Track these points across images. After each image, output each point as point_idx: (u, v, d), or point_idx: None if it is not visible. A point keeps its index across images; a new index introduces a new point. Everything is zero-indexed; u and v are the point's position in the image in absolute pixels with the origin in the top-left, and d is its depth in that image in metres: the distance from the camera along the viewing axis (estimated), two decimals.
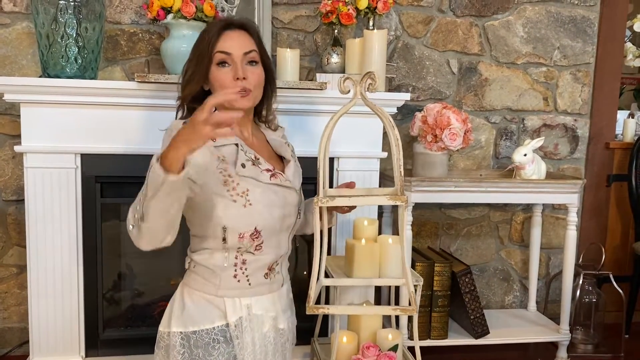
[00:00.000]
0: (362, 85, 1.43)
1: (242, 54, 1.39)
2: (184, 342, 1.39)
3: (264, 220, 1.38)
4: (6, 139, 2.37)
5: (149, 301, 2.42)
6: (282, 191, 1.44)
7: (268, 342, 1.45)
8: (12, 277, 2.45)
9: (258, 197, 1.37)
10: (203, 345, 1.38)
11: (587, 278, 2.67)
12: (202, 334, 1.38)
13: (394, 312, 1.61)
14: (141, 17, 2.38)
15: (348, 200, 1.45)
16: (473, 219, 2.85)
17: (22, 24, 2.32)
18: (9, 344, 2.46)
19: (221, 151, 1.37)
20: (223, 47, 1.38)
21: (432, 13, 2.66)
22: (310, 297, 1.47)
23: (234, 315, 1.39)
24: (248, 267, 1.41)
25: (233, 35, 1.40)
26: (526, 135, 2.81)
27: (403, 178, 1.42)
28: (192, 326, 1.39)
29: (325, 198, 1.42)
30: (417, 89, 2.69)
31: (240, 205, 1.35)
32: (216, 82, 1.39)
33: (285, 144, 1.57)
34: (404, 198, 1.41)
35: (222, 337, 1.38)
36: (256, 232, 1.38)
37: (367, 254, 1.85)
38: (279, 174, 1.44)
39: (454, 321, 2.58)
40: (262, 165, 1.41)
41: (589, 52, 2.83)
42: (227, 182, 1.35)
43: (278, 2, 2.48)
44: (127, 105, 2.08)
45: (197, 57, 1.40)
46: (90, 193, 2.13)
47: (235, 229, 1.36)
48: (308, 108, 2.19)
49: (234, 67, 1.38)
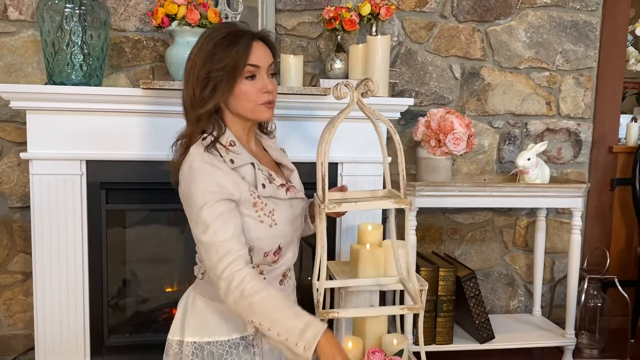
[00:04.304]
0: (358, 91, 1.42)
1: (267, 66, 1.37)
2: (197, 352, 1.37)
3: (285, 237, 1.39)
4: (12, 146, 2.38)
5: (154, 307, 2.42)
6: (296, 203, 1.44)
7: None
8: (17, 284, 2.46)
9: (282, 215, 1.37)
10: (217, 357, 1.37)
11: (592, 282, 2.66)
12: (216, 345, 1.37)
13: (400, 311, 1.62)
14: (146, 24, 2.40)
15: (355, 205, 1.44)
16: (477, 223, 2.85)
17: (27, 32, 2.33)
18: (14, 350, 2.46)
19: (240, 172, 1.34)
20: (253, 60, 1.33)
21: (435, 19, 2.67)
22: (319, 303, 1.46)
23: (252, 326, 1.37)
24: (266, 278, 1.40)
25: (259, 47, 1.36)
26: (529, 140, 2.81)
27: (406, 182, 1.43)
28: (207, 337, 1.37)
29: (332, 204, 1.41)
30: (420, 94, 2.69)
31: (267, 226, 1.35)
32: (243, 94, 1.34)
33: (280, 150, 1.56)
34: (407, 201, 1.41)
35: (235, 350, 1.38)
36: (279, 249, 1.39)
37: (371, 259, 1.85)
38: (291, 187, 1.44)
39: (459, 326, 2.57)
40: (276, 181, 1.40)
41: (591, 56, 2.83)
42: (256, 204, 1.33)
43: (281, 8, 2.50)
44: (132, 112, 2.09)
45: (223, 68, 1.30)
46: (96, 199, 2.14)
47: (261, 248, 1.35)
48: (311, 114, 2.20)
49: (262, 79, 1.36)
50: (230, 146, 1.35)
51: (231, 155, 1.33)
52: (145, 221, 2.37)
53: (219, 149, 1.33)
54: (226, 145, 1.35)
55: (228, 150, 1.34)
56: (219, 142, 1.34)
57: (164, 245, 2.40)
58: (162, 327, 2.37)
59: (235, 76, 1.32)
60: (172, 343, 1.44)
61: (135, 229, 2.35)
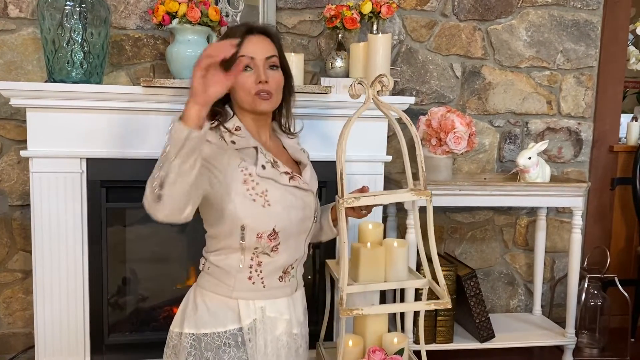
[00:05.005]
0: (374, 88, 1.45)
1: (265, 58, 1.41)
2: (195, 343, 1.39)
3: (282, 222, 1.40)
4: (12, 144, 2.38)
5: (154, 306, 2.42)
6: (300, 194, 1.45)
7: (281, 345, 1.45)
8: (17, 282, 2.45)
9: (277, 198, 1.39)
10: (214, 349, 1.38)
11: (593, 281, 2.66)
12: (213, 337, 1.38)
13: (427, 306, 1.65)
14: (146, 22, 2.39)
15: (374, 199, 1.49)
16: (477, 222, 2.84)
17: (27, 30, 2.33)
18: (13, 349, 2.46)
19: (242, 153, 1.40)
20: (247, 51, 1.39)
21: (436, 17, 2.67)
22: (342, 300, 1.49)
23: (248, 318, 1.40)
24: (263, 270, 1.41)
25: (256, 40, 1.42)
26: (530, 139, 2.81)
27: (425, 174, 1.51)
28: (204, 328, 1.39)
29: (350, 198, 1.44)
30: (421, 92, 2.69)
31: (259, 205, 1.37)
32: (238, 85, 1.40)
33: (301, 150, 1.59)
34: (428, 192, 1.49)
35: (233, 341, 1.39)
36: (274, 233, 1.39)
37: (372, 258, 1.85)
38: (297, 176, 1.46)
39: (460, 325, 2.57)
40: (281, 168, 1.43)
41: (592, 55, 2.83)
42: (247, 181, 1.37)
43: (282, 6, 2.49)
44: (133, 109, 2.09)
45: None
46: (96, 198, 2.14)
47: (253, 228, 1.37)
48: (312, 112, 2.19)
49: (257, 70, 1.40)
50: (235, 130, 1.42)
51: (234, 138, 1.40)
52: (145, 219, 2.35)
53: (223, 132, 1.41)
54: (231, 130, 1.42)
55: (232, 133, 1.41)
56: (224, 126, 1.41)
57: (164, 244, 2.40)
58: (162, 325, 2.37)
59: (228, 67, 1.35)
60: (172, 335, 1.47)
61: (136, 227, 2.35)
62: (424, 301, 1.71)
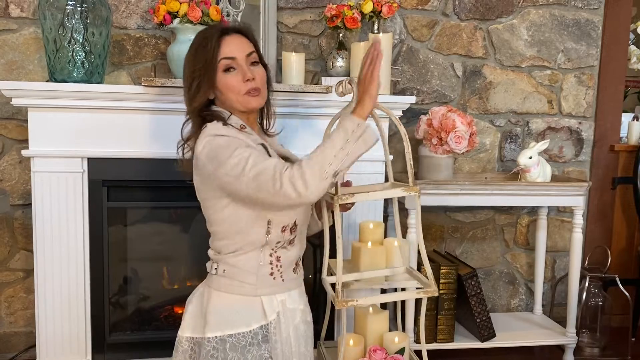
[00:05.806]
0: None
1: (245, 56, 1.42)
2: (218, 346, 1.39)
3: (301, 214, 1.44)
4: (13, 143, 2.38)
5: (155, 305, 2.42)
6: None
7: (300, 334, 1.49)
8: (18, 281, 2.46)
9: None
10: (239, 349, 1.38)
11: (593, 281, 2.66)
12: (238, 337, 1.39)
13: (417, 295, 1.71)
14: (147, 22, 2.39)
15: (367, 195, 1.54)
16: (478, 222, 2.85)
17: (29, 29, 2.33)
18: (15, 348, 2.47)
19: None
20: (226, 52, 1.40)
21: (437, 17, 2.67)
22: (338, 292, 1.54)
23: (273, 313, 1.42)
24: (282, 264, 1.44)
25: (233, 40, 1.42)
26: (531, 138, 2.81)
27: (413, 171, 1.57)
28: (229, 329, 1.39)
29: (344, 195, 1.48)
30: (422, 92, 2.69)
31: None
32: (226, 87, 1.41)
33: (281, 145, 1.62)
34: (416, 189, 1.56)
35: (257, 339, 1.40)
36: (295, 226, 1.43)
37: (373, 257, 1.85)
38: None
39: (460, 324, 2.57)
40: None
41: (593, 55, 2.83)
42: None
43: (283, 6, 2.50)
44: (134, 109, 2.09)
45: (202, 67, 1.39)
46: (97, 197, 2.14)
47: (279, 222, 1.39)
48: (313, 112, 2.20)
49: (241, 69, 1.41)
50: (242, 129, 1.41)
51: (244, 136, 1.39)
52: (146, 219, 2.37)
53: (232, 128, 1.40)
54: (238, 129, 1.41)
55: (240, 132, 1.40)
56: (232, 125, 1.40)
57: (166, 243, 2.40)
58: (163, 324, 2.38)
59: (211, 71, 1.39)
60: (181, 340, 1.46)
61: (137, 226, 2.35)
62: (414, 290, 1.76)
